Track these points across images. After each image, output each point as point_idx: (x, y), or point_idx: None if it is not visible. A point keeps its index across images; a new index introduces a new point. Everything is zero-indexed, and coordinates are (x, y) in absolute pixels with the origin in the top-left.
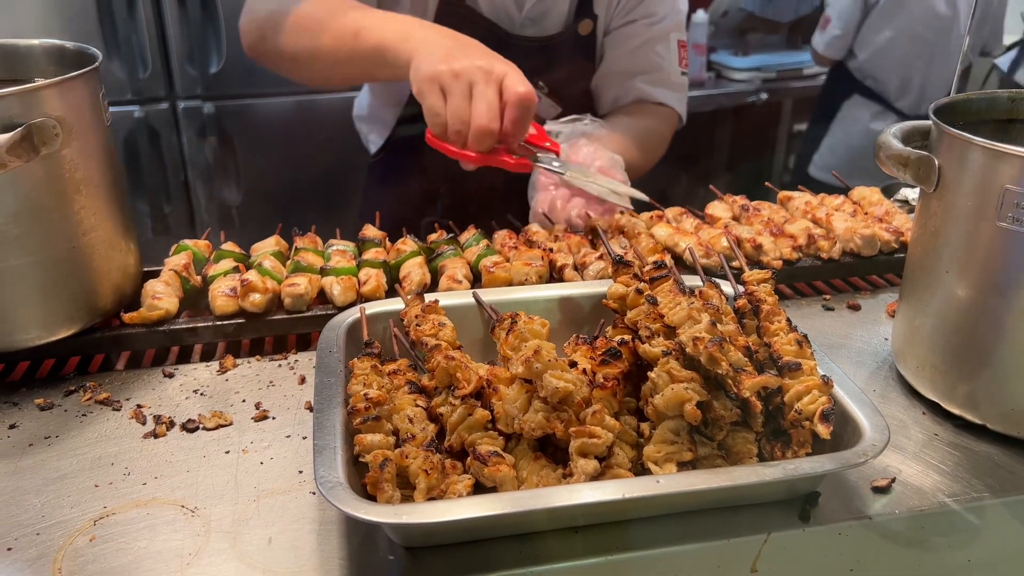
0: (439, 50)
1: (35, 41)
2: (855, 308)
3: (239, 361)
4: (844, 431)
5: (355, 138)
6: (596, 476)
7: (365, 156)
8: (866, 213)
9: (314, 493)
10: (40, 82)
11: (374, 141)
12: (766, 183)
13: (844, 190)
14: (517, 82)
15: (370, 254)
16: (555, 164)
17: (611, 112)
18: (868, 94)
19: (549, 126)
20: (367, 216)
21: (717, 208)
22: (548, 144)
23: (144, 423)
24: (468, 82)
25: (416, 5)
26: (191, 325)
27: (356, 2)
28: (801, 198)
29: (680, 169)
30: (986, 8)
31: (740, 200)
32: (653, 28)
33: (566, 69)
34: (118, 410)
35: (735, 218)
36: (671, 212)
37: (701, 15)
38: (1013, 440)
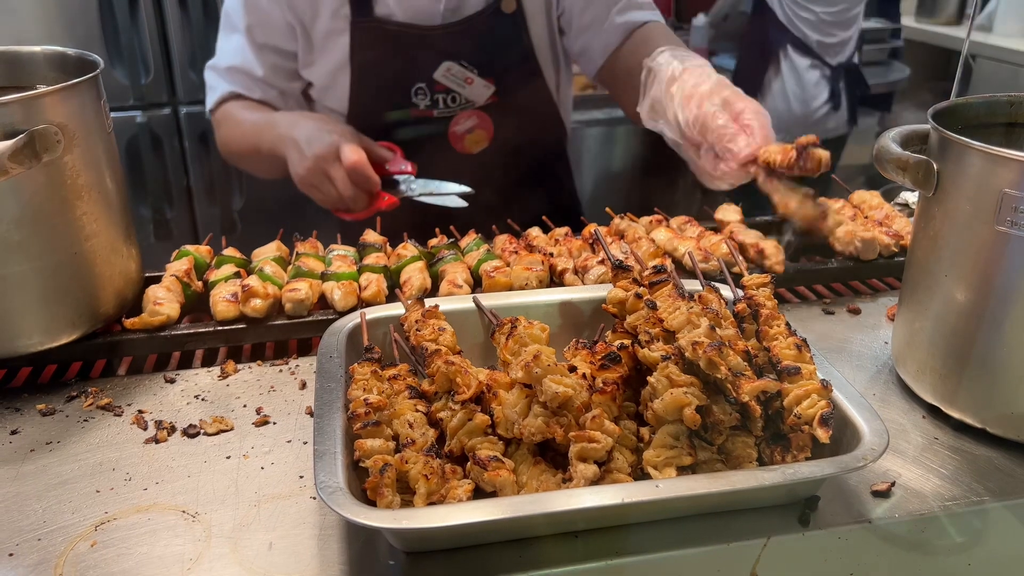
0: (293, 152)
1: (37, 48)
2: (855, 312)
3: (240, 366)
4: (844, 435)
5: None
6: (596, 481)
7: None
8: (866, 217)
9: (315, 498)
10: (42, 89)
11: None
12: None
13: (844, 192)
14: (346, 154)
15: (371, 259)
16: (408, 188)
17: (614, 58)
18: (801, 47)
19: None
20: (394, 214)
21: (727, 212)
22: (405, 166)
23: (145, 428)
24: (321, 172)
25: (327, 33)
26: (192, 330)
27: (255, 113)
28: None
29: (683, 171)
30: None
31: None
32: None
33: (495, 48)
34: (119, 416)
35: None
36: (676, 221)
37: (702, 19)
38: (1013, 443)
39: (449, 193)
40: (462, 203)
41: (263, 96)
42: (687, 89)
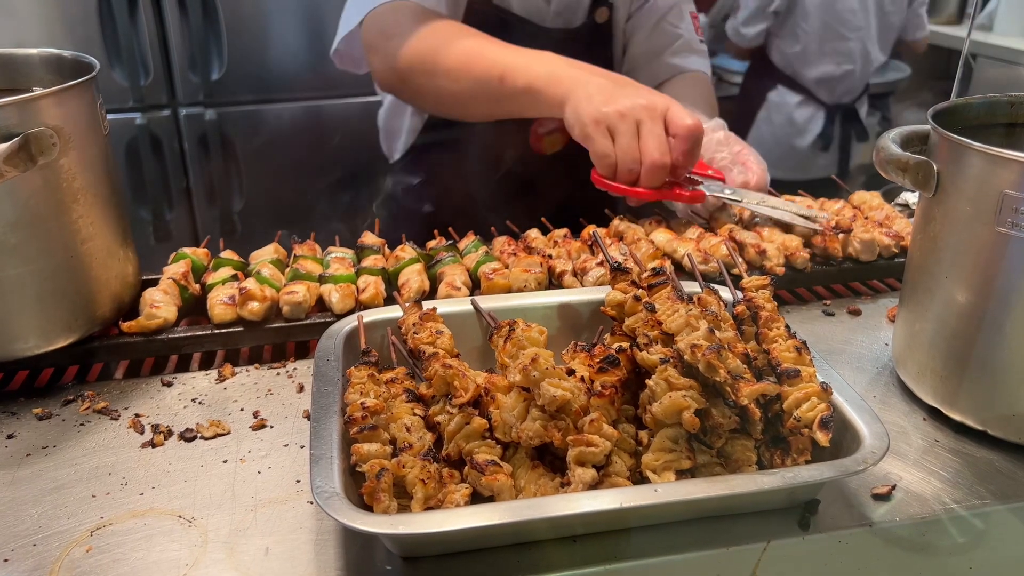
0: (597, 92)
1: (33, 50)
2: (855, 313)
3: (237, 369)
4: (844, 438)
5: (356, 144)
6: (594, 485)
7: (367, 162)
8: (866, 218)
9: (312, 503)
10: (37, 91)
11: (398, 149)
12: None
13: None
14: (682, 115)
15: (368, 261)
16: (727, 192)
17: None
18: (790, 84)
19: None
20: (393, 216)
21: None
22: (711, 172)
23: (142, 432)
24: (635, 121)
25: (448, 6)
26: (189, 334)
27: (492, 42)
28: (802, 202)
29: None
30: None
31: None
32: (664, 2)
33: (588, 59)
34: (116, 419)
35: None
36: (676, 222)
37: (702, 19)
38: (1014, 446)
39: (788, 211)
40: (814, 225)
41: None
42: None
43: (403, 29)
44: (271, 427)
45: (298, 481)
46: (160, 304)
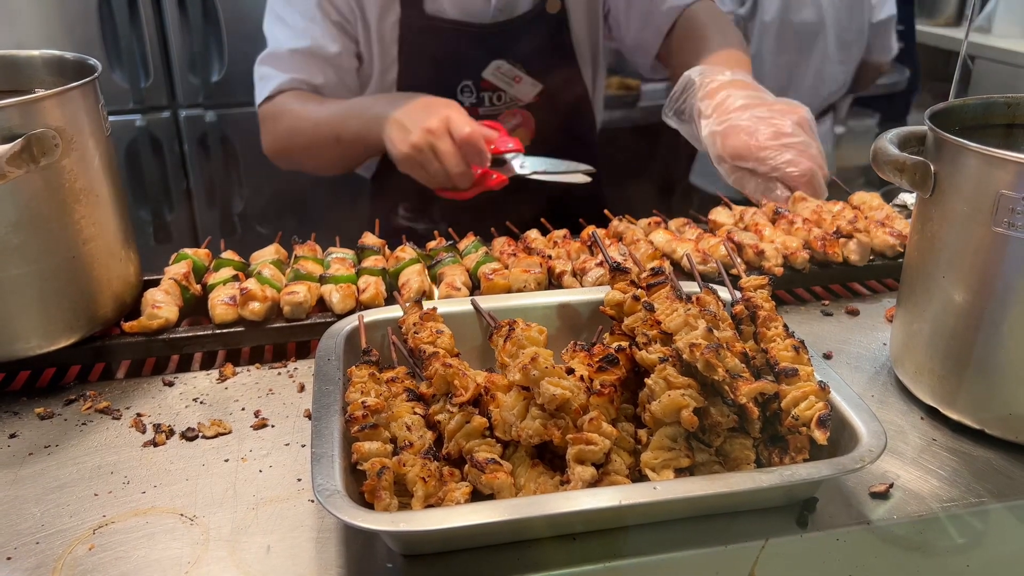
0: (395, 131)
1: (35, 52)
2: (854, 313)
3: (239, 369)
4: (842, 437)
5: None
6: (593, 483)
7: (369, 163)
8: (866, 217)
9: (313, 501)
10: (40, 93)
11: (367, 168)
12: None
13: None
14: (459, 125)
15: (369, 262)
16: (521, 164)
17: (673, 42)
18: None
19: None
20: (377, 219)
21: (720, 214)
22: (511, 145)
23: (144, 432)
24: (429, 147)
25: (379, 26)
26: (191, 334)
27: (326, 104)
28: (804, 204)
29: (683, 175)
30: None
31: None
32: None
33: (540, 47)
34: (118, 419)
35: (737, 224)
36: (675, 223)
37: None
38: (1011, 444)
39: (572, 171)
40: (586, 179)
41: (330, 80)
42: (718, 101)
43: (275, 125)
44: (272, 426)
45: (299, 480)
46: (161, 304)
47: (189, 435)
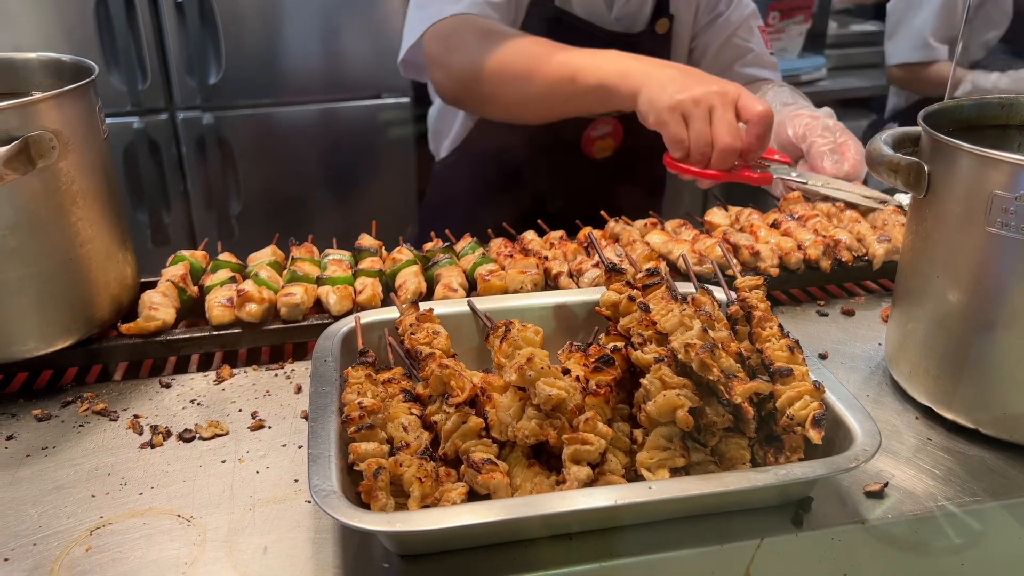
0: (669, 81)
1: (32, 54)
2: (849, 314)
3: (236, 371)
4: (836, 436)
5: (353, 147)
6: (589, 483)
7: (366, 165)
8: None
9: (309, 502)
10: (37, 95)
11: (445, 147)
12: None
13: None
14: (754, 101)
15: (366, 263)
16: (794, 174)
17: None
18: None
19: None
20: (436, 216)
21: (716, 215)
22: (777, 156)
23: (141, 433)
24: (707, 107)
25: (507, 10)
26: (188, 335)
27: (557, 46)
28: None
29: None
30: None
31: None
32: (735, 18)
33: None
34: (115, 420)
35: (733, 225)
36: (670, 224)
37: None
38: (1005, 444)
39: (853, 192)
40: (880, 207)
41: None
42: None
43: (465, 42)
44: (269, 427)
45: (296, 480)
46: (159, 306)
47: (186, 436)
